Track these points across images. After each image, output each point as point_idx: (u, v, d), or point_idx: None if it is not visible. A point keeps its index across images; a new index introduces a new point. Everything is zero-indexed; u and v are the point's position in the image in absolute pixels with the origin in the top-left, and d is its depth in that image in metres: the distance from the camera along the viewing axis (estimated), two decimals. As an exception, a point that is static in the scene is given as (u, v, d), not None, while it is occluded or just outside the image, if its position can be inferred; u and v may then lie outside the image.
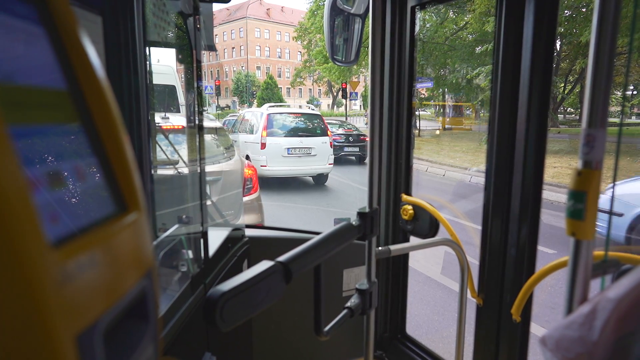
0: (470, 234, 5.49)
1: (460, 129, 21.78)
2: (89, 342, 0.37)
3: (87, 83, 0.44)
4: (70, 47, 0.42)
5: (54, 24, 0.41)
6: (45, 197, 0.36)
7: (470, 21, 17.00)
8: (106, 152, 0.45)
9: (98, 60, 0.45)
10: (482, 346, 1.62)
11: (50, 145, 0.39)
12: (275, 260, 0.82)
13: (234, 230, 1.76)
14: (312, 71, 39.08)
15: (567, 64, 18.10)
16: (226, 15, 66.22)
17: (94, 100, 0.45)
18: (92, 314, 0.37)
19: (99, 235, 0.41)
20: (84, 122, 0.44)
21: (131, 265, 0.45)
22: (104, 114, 0.45)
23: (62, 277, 0.34)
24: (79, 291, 0.36)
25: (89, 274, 0.37)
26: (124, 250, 0.44)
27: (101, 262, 0.39)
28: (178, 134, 2.58)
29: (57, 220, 0.37)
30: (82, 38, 0.44)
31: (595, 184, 0.59)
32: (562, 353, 0.54)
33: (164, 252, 1.25)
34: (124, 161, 0.47)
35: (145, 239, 0.49)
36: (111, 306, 0.40)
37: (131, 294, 0.44)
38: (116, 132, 0.46)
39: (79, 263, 0.36)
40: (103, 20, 1.07)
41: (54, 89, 0.41)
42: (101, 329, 0.39)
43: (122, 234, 0.44)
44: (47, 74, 0.40)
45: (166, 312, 1.06)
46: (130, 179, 0.48)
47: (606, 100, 0.60)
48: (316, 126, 10.41)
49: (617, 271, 0.70)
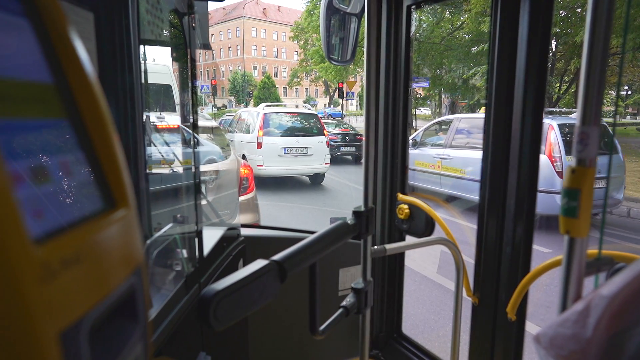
0: (466, 233, 5.50)
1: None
2: (74, 340, 0.36)
3: (74, 77, 0.43)
4: (56, 40, 0.42)
5: (39, 17, 0.40)
6: (28, 192, 0.35)
7: (466, 21, 17.06)
8: (94, 147, 0.45)
9: (86, 55, 0.45)
10: (478, 345, 1.63)
11: (35, 140, 0.38)
12: (270, 259, 0.82)
13: (230, 230, 1.75)
14: (309, 71, 39.08)
15: (563, 64, 18.20)
16: (222, 14, 66.10)
17: (81, 95, 0.44)
18: (77, 311, 0.37)
19: (85, 232, 0.40)
20: (71, 116, 0.43)
21: (119, 262, 0.45)
22: (92, 109, 0.45)
23: (45, 273, 0.33)
24: (63, 288, 0.35)
25: (74, 270, 0.37)
26: (111, 247, 0.44)
27: (87, 258, 0.39)
28: (173, 133, 2.57)
29: (41, 216, 0.36)
30: (70, 32, 0.43)
31: (589, 182, 0.59)
32: (555, 351, 0.54)
33: (157, 251, 1.24)
34: (113, 157, 0.46)
35: (134, 236, 0.48)
36: (97, 303, 0.40)
37: (119, 291, 0.44)
38: (104, 128, 0.46)
39: (63, 259, 0.35)
40: (95, 16, 1.06)
41: (39, 83, 0.40)
42: (87, 327, 0.38)
43: (109, 231, 0.43)
44: (32, 68, 0.40)
45: (160, 312, 1.05)
46: (119, 175, 0.47)
47: (600, 99, 0.60)
48: (312, 126, 10.41)
49: (611, 269, 0.70)
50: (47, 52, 0.41)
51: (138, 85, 1.27)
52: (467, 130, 7.98)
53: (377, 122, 1.92)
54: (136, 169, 1.30)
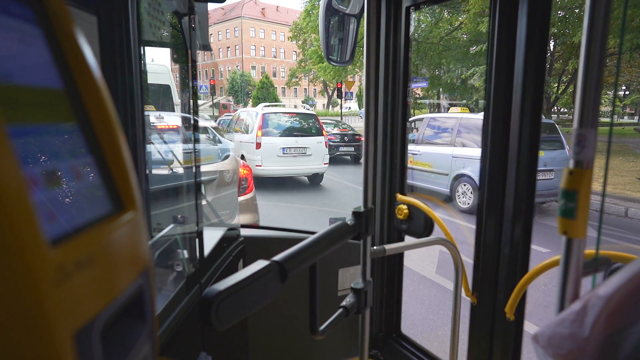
0: (464, 233, 5.51)
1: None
2: (87, 340, 0.37)
3: (83, 82, 0.44)
4: (66, 46, 0.43)
5: (50, 23, 0.41)
6: (42, 196, 0.36)
7: (464, 22, 17.08)
8: (103, 151, 0.46)
9: (94, 60, 0.45)
10: (476, 344, 1.63)
11: (47, 145, 0.39)
12: (271, 260, 0.82)
13: (230, 230, 1.76)
14: (307, 71, 39.05)
15: (561, 64, 18.24)
16: (221, 14, 66.02)
17: (90, 100, 0.45)
18: (90, 311, 0.38)
19: (96, 234, 0.41)
20: (80, 121, 0.44)
21: (128, 264, 0.46)
22: (101, 113, 0.46)
23: (60, 275, 0.34)
24: (76, 289, 0.36)
25: (86, 272, 0.37)
26: (121, 249, 0.44)
27: (99, 260, 0.40)
28: (172, 133, 2.58)
29: (54, 219, 0.37)
30: (78, 38, 0.44)
31: (586, 183, 0.60)
32: (553, 350, 0.55)
33: (159, 251, 1.25)
34: (121, 160, 0.47)
35: (141, 238, 0.49)
36: (108, 304, 0.41)
37: (128, 292, 0.45)
38: (113, 132, 0.47)
39: (76, 261, 0.36)
40: (98, 20, 1.07)
41: (50, 89, 0.41)
42: (99, 327, 0.39)
43: (119, 233, 0.44)
44: (43, 74, 0.40)
45: (162, 312, 1.06)
46: (127, 178, 0.48)
47: (597, 101, 0.61)
48: (311, 126, 10.40)
49: (608, 269, 0.71)
50: (58, 58, 0.42)
51: (138, 86, 1.28)
52: (437, 128, 8.69)
53: (377, 122, 1.93)
54: (137, 169, 1.30)
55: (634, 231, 6.44)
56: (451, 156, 7.82)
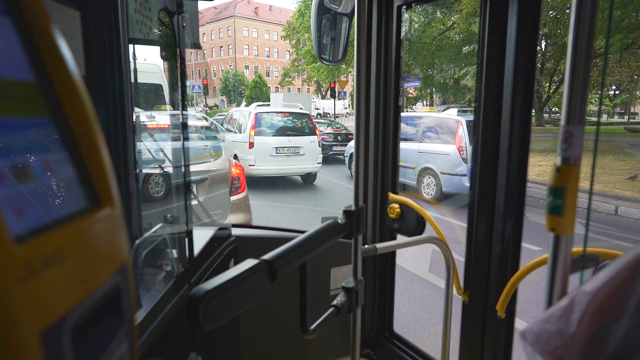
0: (456, 231, 5.54)
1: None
2: (56, 338, 0.36)
3: (57, 76, 0.43)
4: (39, 38, 0.41)
5: (22, 14, 0.40)
6: (10, 190, 0.35)
7: (457, 21, 17.17)
8: (78, 146, 0.45)
9: (70, 54, 0.44)
10: (468, 342, 1.64)
11: (17, 138, 0.38)
12: (260, 259, 0.82)
13: (221, 230, 1.75)
14: (301, 70, 39.01)
15: (552, 64, 18.42)
16: (214, 14, 65.76)
17: (65, 94, 0.43)
18: (59, 309, 0.37)
19: (68, 230, 0.40)
20: (54, 115, 0.43)
21: (103, 261, 0.45)
22: (76, 108, 0.44)
23: (26, 272, 0.33)
24: (44, 286, 0.35)
25: (55, 269, 0.36)
26: (95, 246, 0.44)
27: (70, 257, 0.39)
28: (163, 133, 2.56)
29: (23, 215, 0.36)
30: (53, 30, 0.42)
31: (573, 180, 0.60)
32: (541, 346, 0.55)
33: (147, 251, 1.23)
34: (97, 156, 0.46)
35: (119, 235, 0.48)
36: (81, 302, 0.40)
37: (103, 289, 0.44)
38: (89, 127, 0.45)
39: (44, 258, 0.35)
40: (82, 15, 1.05)
41: (21, 81, 0.40)
42: (69, 325, 0.38)
43: (93, 229, 0.43)
44: (14, 65, 0.39)
45: (150, 312, 1.05)
46: (104, 174, 0.47)
47: (584, 98, 0.61)
48: (304, 125, 10.39)
49: (596, 266, 0.71)
50: (29, 50, 0.41)
51: (127, 84, 1.26)
52: (407, 124, 9.27)
53: (368, 121, 1.93)
54: (126, 168, 1.29)
55: (624, 229, 6.52)
56: (417, 151, 8.64)
